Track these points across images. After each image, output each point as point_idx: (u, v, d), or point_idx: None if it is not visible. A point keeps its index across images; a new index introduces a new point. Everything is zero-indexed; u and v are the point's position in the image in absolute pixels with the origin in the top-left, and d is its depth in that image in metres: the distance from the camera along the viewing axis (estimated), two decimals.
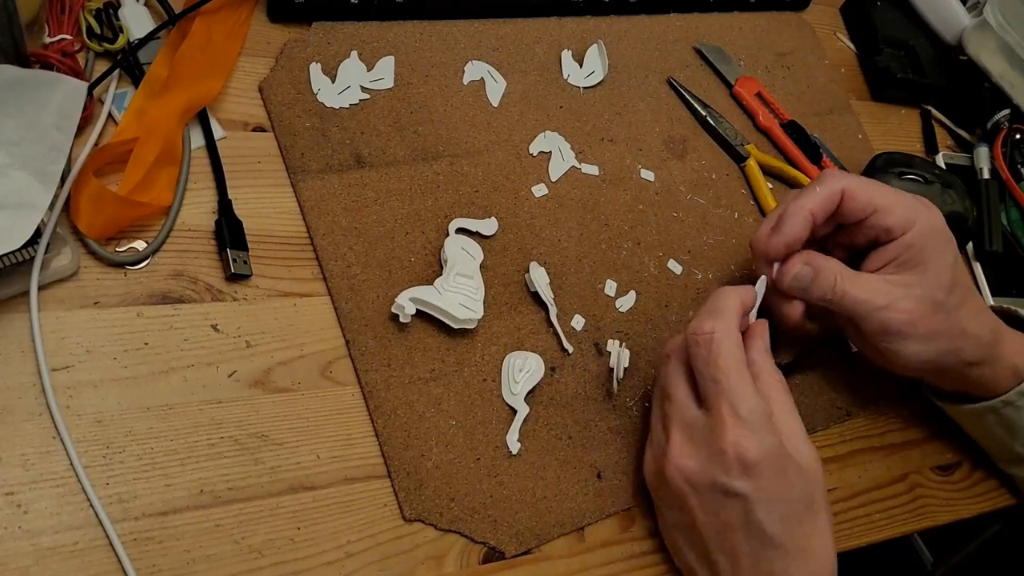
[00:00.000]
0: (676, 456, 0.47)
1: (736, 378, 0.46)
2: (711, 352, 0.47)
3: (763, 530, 0.45)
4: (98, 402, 0.44)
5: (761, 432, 0.45)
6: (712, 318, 0.47)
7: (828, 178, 0.52)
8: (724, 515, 0.46)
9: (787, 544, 0.45)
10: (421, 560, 0.46)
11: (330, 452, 0.47)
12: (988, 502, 0.63)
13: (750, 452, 0.45)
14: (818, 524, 0.46)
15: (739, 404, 0.45)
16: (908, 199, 0.52)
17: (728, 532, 0.46)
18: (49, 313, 0.45)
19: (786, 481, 0.45)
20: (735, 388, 0.46)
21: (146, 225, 0.49)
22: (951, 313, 0.52)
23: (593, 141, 0.64)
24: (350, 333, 0.50)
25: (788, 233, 0.51)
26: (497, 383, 0.52)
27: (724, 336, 0.47)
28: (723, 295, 0.49)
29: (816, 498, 0.46)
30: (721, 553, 0.47)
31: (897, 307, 0.51)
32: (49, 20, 0.51)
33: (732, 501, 0.45)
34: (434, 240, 0.55)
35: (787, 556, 0.45)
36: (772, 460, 0.45)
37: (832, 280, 0.51)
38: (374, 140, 0.57)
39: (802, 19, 0.81)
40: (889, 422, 0.63)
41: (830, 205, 0.51)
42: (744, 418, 0.45)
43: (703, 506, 0.47)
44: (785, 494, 0.45)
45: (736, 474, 0.45)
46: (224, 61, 0.55)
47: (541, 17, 0.67)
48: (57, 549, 0.40)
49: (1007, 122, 0.77)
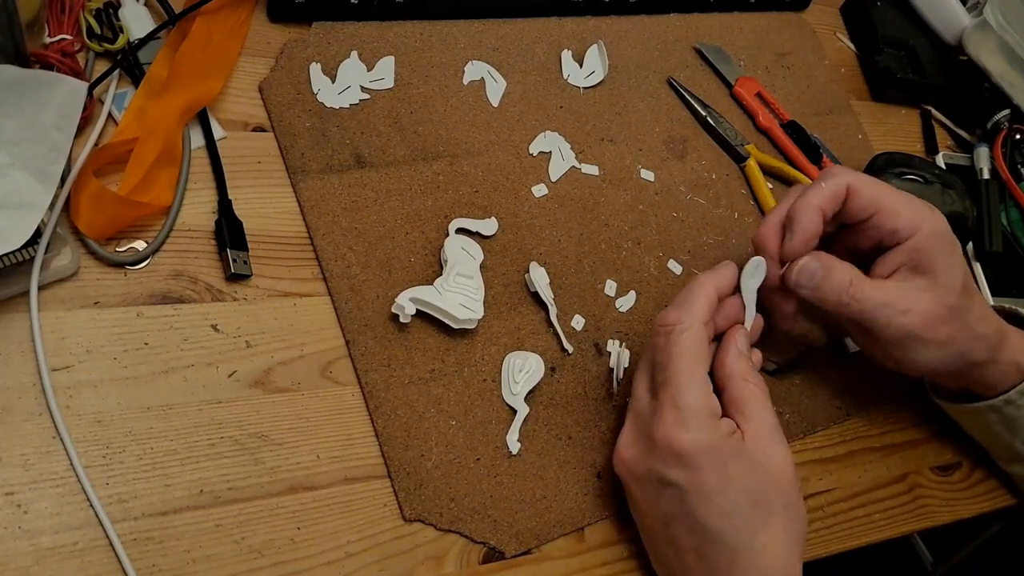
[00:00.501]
0: (621, 446, 0.48)
1: (684, 370, 0.46)
2: (667, 342, 0.47)
3: (701, 523, 0.45)
4: (98, 402, 0.44)
5: (697, 426, 0.45)
6: (678, 309, 0.48)
7: (833, 174, 0.51)
8: (663, 506, 0.46)
9: (730, 540, 0.44)
10: (421, 560, 0.46)
11: (330, 452, 0.47)
12: (988, 502, 0.63)
13: (682, 443, 0.44)
14: (769, 522, 0.45)
15: (680, 395, 0.45)
16: (913, 201, 0.51)
17: (670, 523, 0.46)
18: (49, 313, 0.45)
19: (725, 475, 0.44)
20: (680, 379, 0.46)
21: (146, 225, 0.49)
22: (964, 315, 0.51)
23: (593, 141, 0.64)
24: (350, 333, 0.50)
25: (803, 231, 0.50)
26: (497, 383, 0.52)
27: (684, 328, 0.47)
28: (695, 286, 0.49)
29: (768, 496, 0.45)
30: (667, 545, 0.47)
31: (915, 310, 0.50)
32: (49, 20, 0.51)
33: (669, 491, 0.45)
34: (434, 240, 0.55)
35: (730, 552, 0.44)
36: (707, 454, 0.44)
37: (846, 281, 0.50)
38: (374, 140, 0.57)
39: (802, 19, 0.81)
40: (889, 422, 0.63)
41: (837, 201, 0.50)
42: (682, 409, 0.45)
43: (645, 497, 0.47)
44: (724, 489, 0.44)
45: (670, 464, 0.45)
46: (224, 61, 0.55)
47: (541, 17, 0.67)
48: (57, 549, 0.40)
49: (1007, 122, 0.77)
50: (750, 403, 0.47)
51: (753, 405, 0.47)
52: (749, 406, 0.47)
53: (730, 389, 0.48)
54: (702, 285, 0.49)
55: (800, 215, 0.50)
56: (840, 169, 0.52)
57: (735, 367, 0.48)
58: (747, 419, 0.46)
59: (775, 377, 0.60)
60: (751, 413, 0.47)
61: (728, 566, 0.44)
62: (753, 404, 0.47)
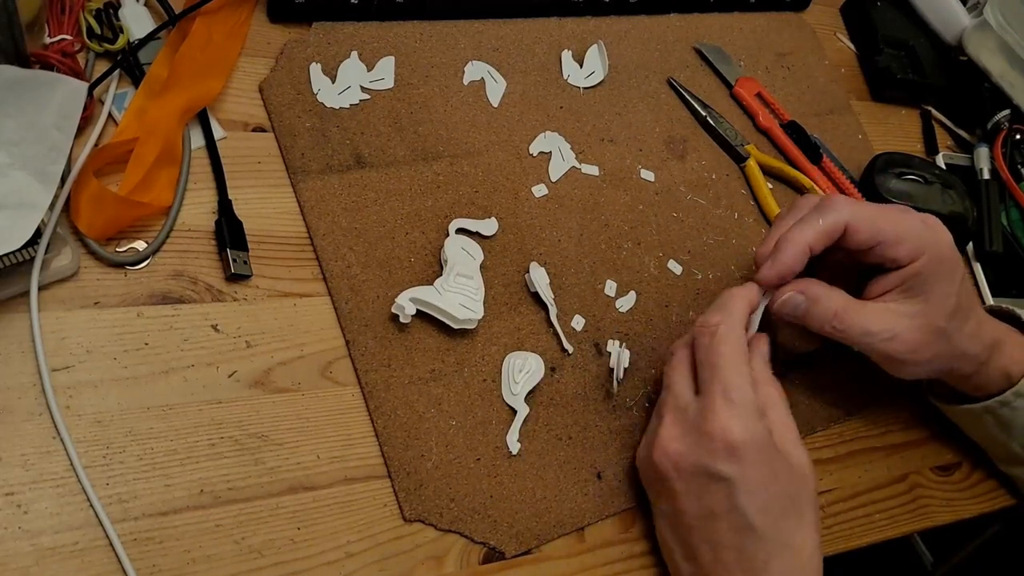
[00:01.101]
0: (665, 439, 0.48)
1: (732, 366, 0.47)
2: (713, 341, 0.48)
3: (747, 518, 0.45)
4: (98, 402, 0.44)
5: (749, 418, 0.46)
6: (719, 312, 0.49)
7: (833, 208, 0.50)
8: (708, 500, 0.46)
9: (769, 536, 0.45)
10: (421, 560, 0.46)
11: (330, 452, 0.47)
12: (988, 502, 0.63)
13: (736, 434, 0.45)
14: (803, 523, 0.46)
15: (731, 389, 0.46)
16: (917, 228, 0.51)
17: (711, 519, 0.46)
18: (49, 313, 0.45)
19: (771, 472, 0.46)
20: (730, 374, 0.47)
21: (146, 225, 0.49)
22: (950, 337, 0.52)
23: (593, 141, 0.64)
24: (350, 333, 0.50)
25: (782, 264, 0.50)
26: (497, 383, 0.52)
27: (728, 328, 0.48)
28: (730, 295, 0.50)
29: (803, 499, 0.47)
30: (704, 542, 0.47)
31: (900, 337, 0.51)
32: (49, 20, 0.51)
33: (716, 485, 0.46)
34: (434, 240, 0.55)
35: (769, 549, 0.45)
36: (758, 447, 0.45)
37: (830, 312, 0.51)
38: (374, 140, 0.57)
39: (802, 19, 0.81)
40: (889, 422, 0.63)
41: (830, 238, 0.50)
42: (734, 402, 0.46)
43: (688, 491, 0.47)
44: (769, 485, 0.46)
45: (721, 457, 0.45)
46: (224, 61, 0.55)
47: (541, 17, 0.67)
48: (57, 549, 0.40)
49: (1007, 122, 0.77)
50: (772, 408, 0.48)
51: (776, 410, 0.48)
52: (772, 411, 0.48)
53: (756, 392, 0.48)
54: (738, 295, 0.50)
55: (784, 249, 0.50)
56: (841, 202, 0.51)
57: (760, 373, 0.49)
58: (771, 422, 0.48)
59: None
60: (774, 417, 0.48)
61: (764, 563, 0.45)
62: (775, 409, 0.48)
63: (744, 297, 0.50)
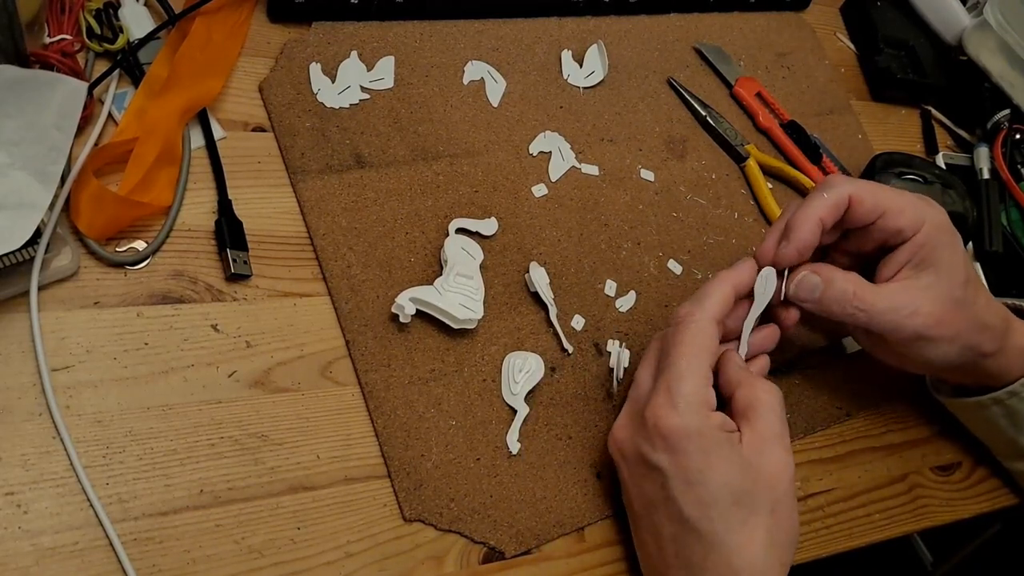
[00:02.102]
0: (616, 427, 0.49)
1: (685, 359, 0.47)
2: (675, 332, 0.48)
3: (680, 510, 0.45)
4: (98, 402, 0.44)
5: (686, 411, 0.45)
6: (692, 303, 0.49)
7: (834, 184, 0.51)
8: (647, 488, 0.47)
9: (705, 532, 0.44)
10: (421, 560, 0.46)
11: (330, 452, 0.47)
12: (988, 502, 0.63)
13: (668, 424, 0.45)
14: (748, 523, 0.45)
15: (676, 382, 0.46)
16: (914, 199, 0.51)
17: (652, 509, 0.47)
18: (49, 313, 0.45)
19: (707, 464, 0.45)
20: (679, 367, 0.46)
21: (146, 225, 0.49)
22: (970, 307, 0.51)
23: (593, 141, 0.64)
24: (350, 333, 0.50)
25: (799, 239, 0.50)
26: (497, 383, 0.52)
27: (694, 320, 0.48)
28: (712, 283, 0.50)
29: (757, 500, 0.45)
30: (648, 533, 0.47)
31: (922, 311, 0.50)
32: (49, 20, 0.51)
33: (653, 474, 0.46)
34: (434, 240, 0.55)
35: (704, 545, 0.45)
36: (692, 439, 0.45)
37: (849, 292, 0.50)
38: (374, 140, 0.57)
39: (802, 19, 0.81)
40: (889, 422, 0.63)
41: (838, 211, 0.50)
42: (674, 394, 0.46)
43: (632, 479, 0.48)
44: (704, 478, 0.44)
45: (656, 445, 0.46)
46: (224, 61, 0.55)
47: (541, 17, 0.67)
48: (57, 549, 0.40)
49: (1007, 122, 0.77)
50: (755, 408, 0.47)
51: (759, 409, 0.47)
52: (753, 411, 0.47)
53: (738, 395, 0.48)
54: (719, 282, 0.50)
55: (799, 224, 0.50)
56: (841, 179, 0.52)
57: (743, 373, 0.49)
58: (750, 423, 0.47)
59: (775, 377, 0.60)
60: (756, 417, 0.47)
61: (702, 559, 0.45)
62: (759, 408, 0.47)
63: (728, 281, 0.50)
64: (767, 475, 0.46)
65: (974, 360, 0.53)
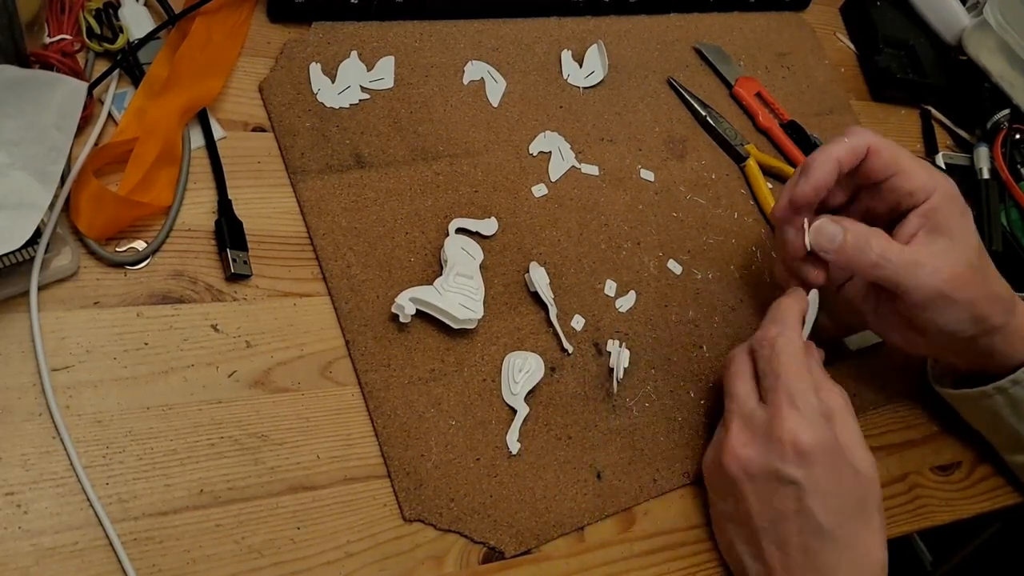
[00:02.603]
0: (734, 445, 0.49)
1: (796, 374, 0.48)
2: (774, 351, 0.49)
3: (815, 519, 0.46)
4: (98, 402, 0.44)
5: (816, 423, 0.47)
6: (776, 325, 0.50)
7: (856, 132, 0.52)
8: (777, 503, 0.47)
9: (838, 537, 0.46)
10: (421, 560, 0.46)
11: (330, 452, 0.47)
12: (988, 502, 0.63)
13: (805, 440, 0.46)
14: (870, 526, 0.48)
15: (797, 397, 0.47)
16: (928, 166, 0.52)
17: (781, 521, 0.47)
18: (49, 313, 0.45)
19: (838, 475, 0.47)
20: (794, 382, 0.48)
21: (146, 225, 0.49)
22: (984, 274, 0.52)
23: (593, 141, 0.64)
24: (350, 333, 0.50)
25: (815, 177, 0.50)
26: (497, 383, 0.52)
27: (787, 339, 0.49)
28: (783, 306, 0.52)
29: (870, 501, 0.48)
30: (772, 543, 0.48)
31: (943, 271, 0.50)
32: (49, 20, 0.51)
33: (786, 488, 0.47)
34: (434, 240, 0.55)
35: (837, 549, 0.46)
36: (826, 452, 0.47)
37: (868, 242, 0.50)
38: (374, 140, 0.57)
39: (802, 19, 0.81)
40: (889, 422, 0.63)
41: (856, 157, 0.51)
42: (800, 409, 0.47)
43: (757, 494, 0.48)
44: (837, 489, 0.47)
45: (791, 461, 0.47)
46: (224, 61, 0.55)
47: (541, 17, 0.67)
48: (57, 549, 0.40)
49: (1007, 122, 0.77)
50: (838, 412, 0.49)
51: (841, 414, 0.49)
52: (837, 415, 0.49)
53: (820, 397, 0.49)
54: (791, 306, 0.52)
55: (816, 164, 0.51)
56: (863, 129, 0.53)
57: (822, 377, 0.51)
58: (837, 426, 0.48)
59: None
60: (841, 421, 0.49)
61: (835, 561, 0.46)
62: (841, 413, 0.49)
63: (795, 305, 0.52)
64: (867, 477, 0.48)
65: (982, 334, 0.53)
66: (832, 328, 0.61)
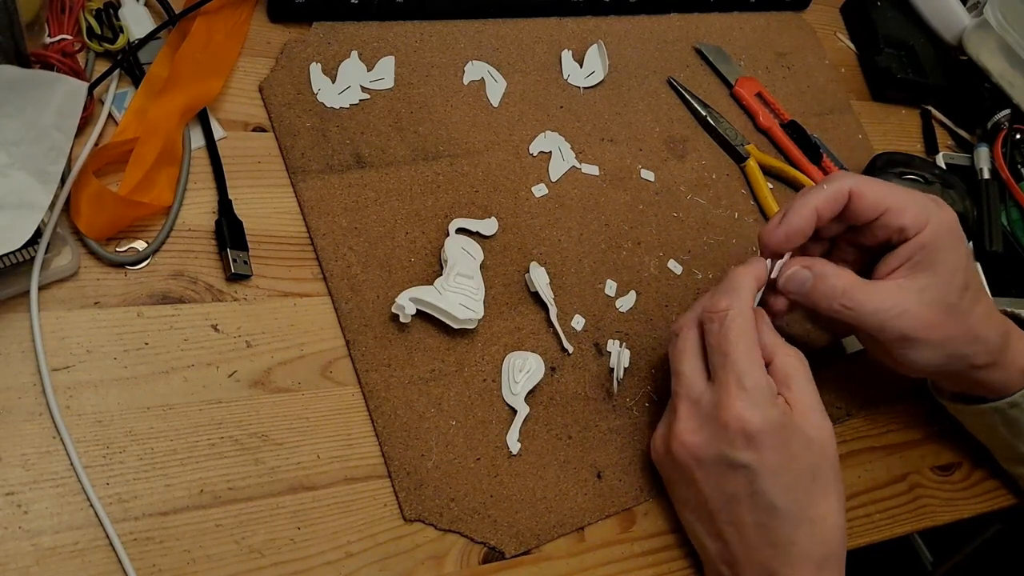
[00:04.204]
0: (682, 432, 0.49)
1: (745, 353, 0.47)
2: (724, 327, 0.48)
3: (768, 500, 0.46)
4: (98, 402, 0.44)
5: (764, 405, 0.46)
6: (727, 296, 0.49)
7: (836, 178, 0.51)
8: (729, 487, 0.47)
9: (792, 513, 0.46)
10: (421, 560, 0.46)
11: (330, 452, 0.47)
12: (988, 502, 0.63)
13: (753, 424, 0.46)
14: (826, 493, 0.47)
15: (744, 377, 0.46)
16: (921, 198, 0.51)
17: (734, 503, 0.47)
18: (49, 313, 0.45)
19: (789, 453, 0.46)
20: (742, 362, 0.47)
21: (146, 225, 0.49)
22: (964, 316, 0.51)
23: (593, 141, 0.64)
24: (350, 333, 0.50)
25: (789, 224, 0.50)
26: (497, 383, 0.52)
27: (738, 313, 0.48)
28: (738, 274, 0.50)
29: (823, 468, 0.47)
30: (728, 524, 0.48)
31: (911, 313, 0.50)
32: (49, 20, 0.51)
33: (737, 473, 0.47)
34: (434, 240, 0.55)
35: (792, 524, 0.46)
36: (775, 432, 0.46)
37: (838, 289, 0.50)
38: (374, 140, 0.57)
39: (802, 19, 0.81)
40: (889, 422, 0.63)
41: (836, 204, 0.50)
42: (748, 390, 0.46)
43: (709, 479, 0.48)
44: (789, 465, 0.46)
45: (740, 446, 0.46)
46: (224, 61, 0.55)
47: (541, 17, 0.67)
48: (57, 549, 0.40)
49: (1007, 122, 0.77)
50: (794, 376, 0.48)
51: (797, 378, 0.48)
52: (793, 380, 0.48)
53: (776, 363, 0.48)
54: (745, 274, 0.50)
55: (793, 211, 0.50)
56: (845, 174, 0.52)
57: (775, 341, 0.49)
58: (793, 392, 0.48)
59: None
60: (796, 386, 0.48)
61: (790, 536, 0.46)
62: (797, 377, 0.48)
63: (751, 274, 0.50)
64: (821, 443, 0.47)
65: (964, 370, 0.53)
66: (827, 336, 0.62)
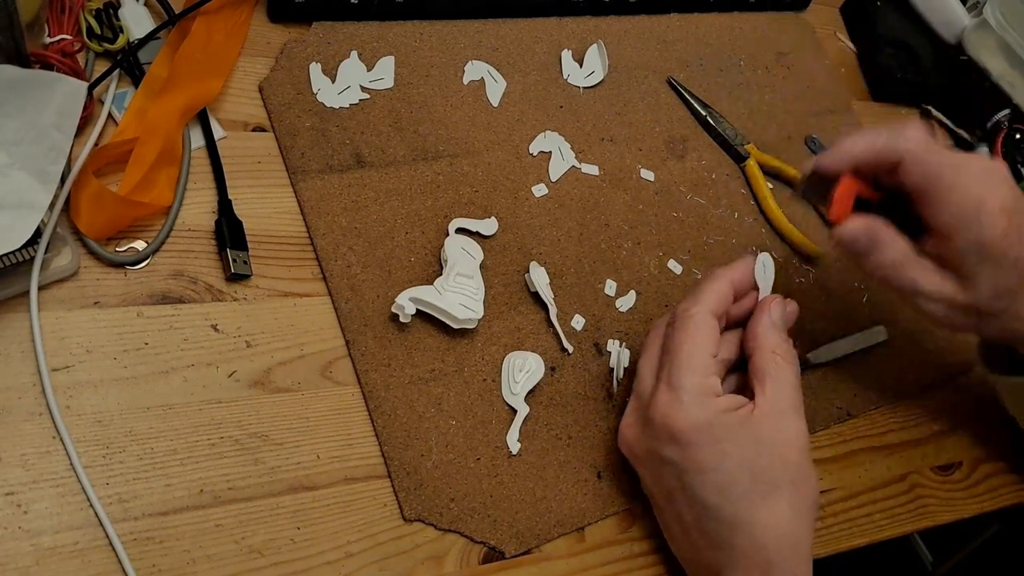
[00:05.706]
0: (623, 426, 0.50)
1: (685, 353, 0.47)
2: (674, 329, 0.49)
3: (699, 497, 0.45)
4: (98, 402, 0.44)
5: (690, 405, 0.46)
6: (690, 299, 0.50)
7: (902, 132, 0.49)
8: (664, 482, 0.47)
9: (727, 514, 0.45)
10: (421, 560, 0.46)
11: (330, 452, 0.47)
12: (988, 502, 0.63)
13: (676, 423, 0.46)
14: (770, 497, 0.45)
15: (678, 376, 0.47)
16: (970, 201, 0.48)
17: (671, 500, 0.47)
18: (49, 313, 0.45)
19: (719, 452, 0.45)
20: (681, 361, 0.47)
21: (146, 225, 0.49)
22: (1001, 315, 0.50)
23: (593, 141, 0.64)
24: (350, 333, 0.50)
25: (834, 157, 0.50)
26: (497, 383, 0.52)
27: (693, 316, 0.48)
28: (711, 278, 0.50)
29: (772, 472, 0.45)
30: (673, 521, 0.48)
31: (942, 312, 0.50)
32: (49, 20, 0.51)
33: (667, 468, 0.47)
34: (434, 240, 0.55)
35: (727, 525, 0.45)
36: (700, 431, 0.45)
37: (888, 261, 0.50)
38: (374, 140, 0.57)
39: (802, 19, 0.81)
40: (889, 422, 0.63)
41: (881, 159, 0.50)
42: (676, 389, 0.46)
43: (647, 474, 0.49)
44: (721, 464, 0.45)
45: (665, 442, 0.46)
46: (224, 61, 0.55)
47: (541, 17, 0.67)
48: (57, 549, 0.40)
49: (1007, 122, 0.77)
50: (770, 376, 0.47)
51: (773, 378, 0.47)
52: (769, 379, 0.47)
53: (755, 359, 0.48)
54: (716, 278, 0.50)
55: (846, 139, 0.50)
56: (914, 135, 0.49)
57: (764, 338, 0.49)
58: (764, 392, 0.47)
59: None
60: (769, 386, 0.47)
61: (729, 538, 0.45)
62: (774, 377, 0.47)
63: (726, 277, 0.50)
64: (781, 447, 0.46)
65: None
66: None
